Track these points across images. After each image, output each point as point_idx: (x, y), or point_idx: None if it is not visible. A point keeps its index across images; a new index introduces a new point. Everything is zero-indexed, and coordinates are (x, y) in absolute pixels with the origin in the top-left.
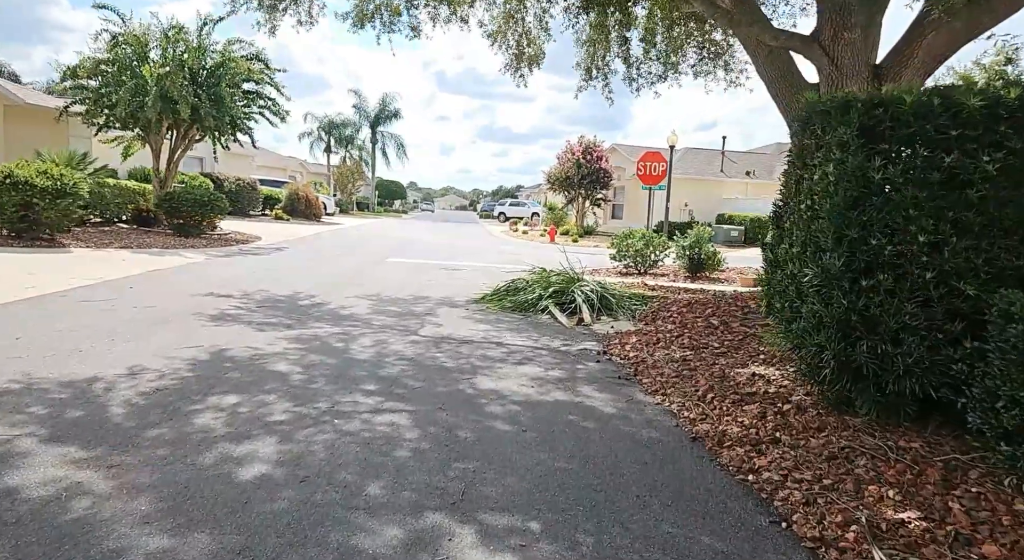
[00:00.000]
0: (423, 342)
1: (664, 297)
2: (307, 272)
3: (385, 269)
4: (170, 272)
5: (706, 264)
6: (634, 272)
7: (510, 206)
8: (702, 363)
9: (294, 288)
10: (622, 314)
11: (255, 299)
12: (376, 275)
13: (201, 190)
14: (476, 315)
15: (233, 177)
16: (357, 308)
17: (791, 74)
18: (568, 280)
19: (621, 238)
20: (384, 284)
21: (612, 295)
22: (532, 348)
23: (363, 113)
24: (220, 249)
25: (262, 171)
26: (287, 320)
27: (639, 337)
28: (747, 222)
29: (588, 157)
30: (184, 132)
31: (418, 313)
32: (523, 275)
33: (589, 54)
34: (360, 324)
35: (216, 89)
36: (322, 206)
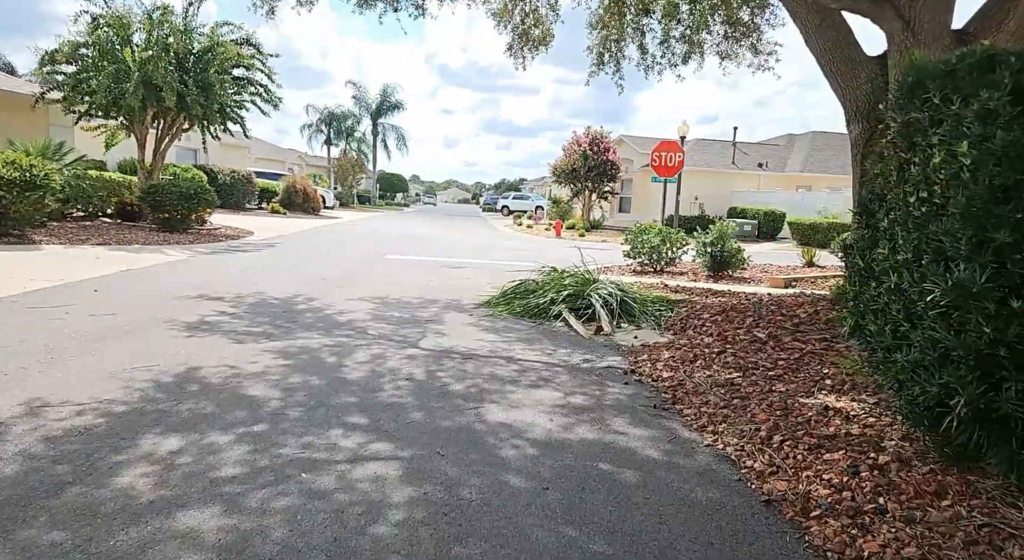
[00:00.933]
0: (423, 357)
1: (691, 301)
2: (299, 271)
3: (384, 268)
4: (147, 272)
5: (729, 262)
6: (650, 270)
7: (514, 199)
8: (755, 389)
9: (286, 289)
10: (645, 321)
11: (239, 303)
12: (374, 275)
13: (188, 182)
14: (483, 322)
15: (228, 169)
16: (353, 314)
17: (848, 45)
18: (583, 282)
19: (635, 234)
20: (382, 285)
21: (633, 299)
22: (547, 364)
23: (364, 105)
24: (207, 245)
25: (260, 164)
26: (272, 329)
27: (671, 352)
28: (760, 216)
29: (595, 148)
30: (171, 121)
31: (419, 319)
32: (533, 276)
33: (601, 38)
34: (354, 333)
35: (204, 75)
36: (320, 199)
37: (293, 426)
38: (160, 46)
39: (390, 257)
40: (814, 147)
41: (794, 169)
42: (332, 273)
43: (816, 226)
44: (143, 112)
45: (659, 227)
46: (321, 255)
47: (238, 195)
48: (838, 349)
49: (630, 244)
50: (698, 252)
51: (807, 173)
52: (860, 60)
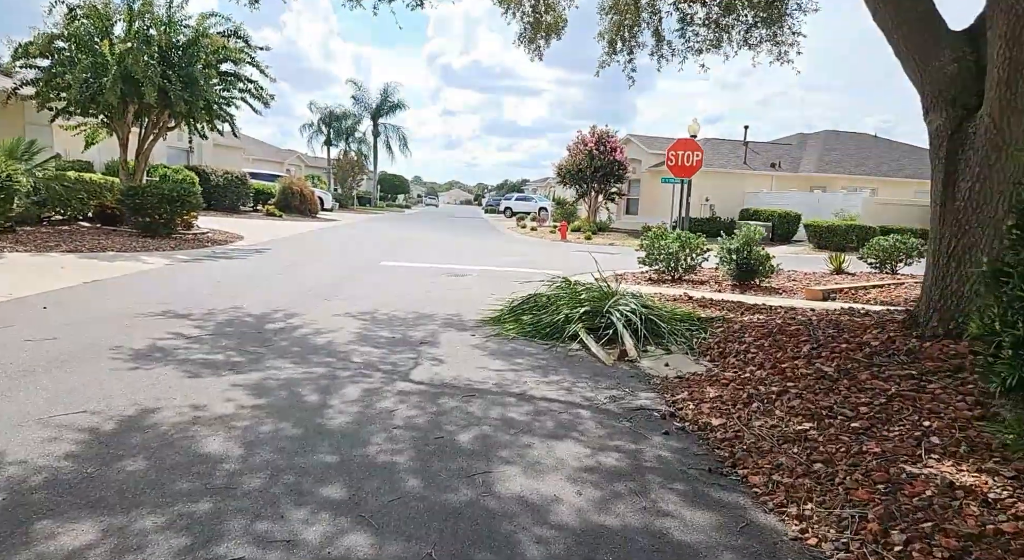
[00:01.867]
0: (417, 395)
1: (726, 319)
2: (283, 281)
3: (378, 276)
4: (114, 283)
5: (756, 270)
6: (667, 279)
7: (516, 201)
8: (839, 448)
9: (264, 303)
10: (675, 343)
11: (210, 320)
12: (366, 284)
13: (171, 184)
14: (488, 344)
15: (221, 171)
16: (338, 334)
17: (928, 19)
18: (600, 295)
19: (652, 238)
20: (374, 297)
21: (659, 316)
22: (568, 404)
23: (364, 104)
24: (190, 252)
25: (258, 165)
26: (238, 356)
27: (717, 389)
28: (774, 217)
29: (601, 148)
30: (155, 119)
31: (414, 341)
32: (542, 287)
33: (614, 23)
34: (336, 361)
35: (188, 69)
36: (318, 201)
37: (247, 503)
38: (141, 38)
39: (386, 264)
40: (828, 146)
41: (808, 169)
42: (319, 283)
43: (834, 228)
44: (122, 109)
45: (677, 232)
46: (311, 262)
47: (232, 197)
48: (933, 391)
49: (646, 250)
50: (721, 259)
51: (822, 173)
52: (943, 36)
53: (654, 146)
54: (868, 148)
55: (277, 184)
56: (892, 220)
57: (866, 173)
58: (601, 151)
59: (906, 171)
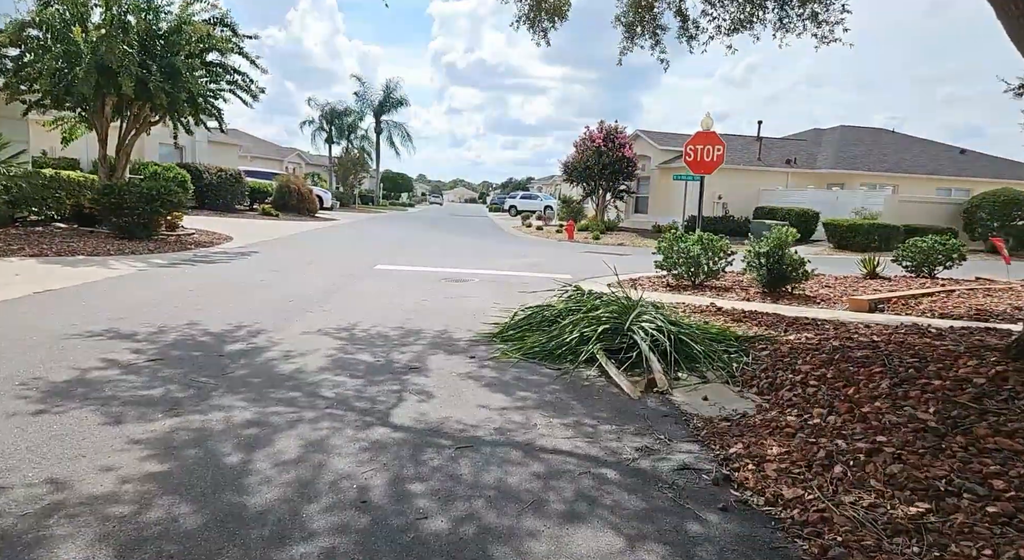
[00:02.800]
0: (395, 446)
1: (771, 338)
2: (262, 290)
3: (369, 282)
4: (68, 294)
5: (788, 276)
6: (687, 284)
7: (521, 199)
8: (979, 551)
9: (233, 317)
10: (711, 368)
11: (154, 342)
12: (354, 293)
13: (151, 182)
14: (486, 370)
15: (215, 168)
16: (310, 358)
17: None
18: (620, 309)
19: (670, 241)
20: (360, 308)
21: (690, 334)
22: (588, 460)
23: (366, 101)
24: (169, 255)
25: (257, 163)
26: (180, 390)
27: (779, 439)
28: (791, 216)
29: (610, 144)
30: (136, 112)
31: (398, 368)
32: (551, 296)
33: (631, 3)
34: (300, 396)
35: (170, 59)
36: (317, 200)
37: None
38: (117, 23)
39: (380, 268)
40: (844, 142)
41: (824, 165)
42: (303, 292)
43: (856, 227)
44: (99, 101)
45: (698, 234)
46: (299, 266)
47: (226, 196)
48: None
49: (663, 253)
50: (749, 264)
51: (839, 170)
52: None
53: (664, 142)
54: (886, 144)
55: (274, 182)
56: (916, 218)
57: (885, 170)
58: (609, 147)
59: (926, 168)
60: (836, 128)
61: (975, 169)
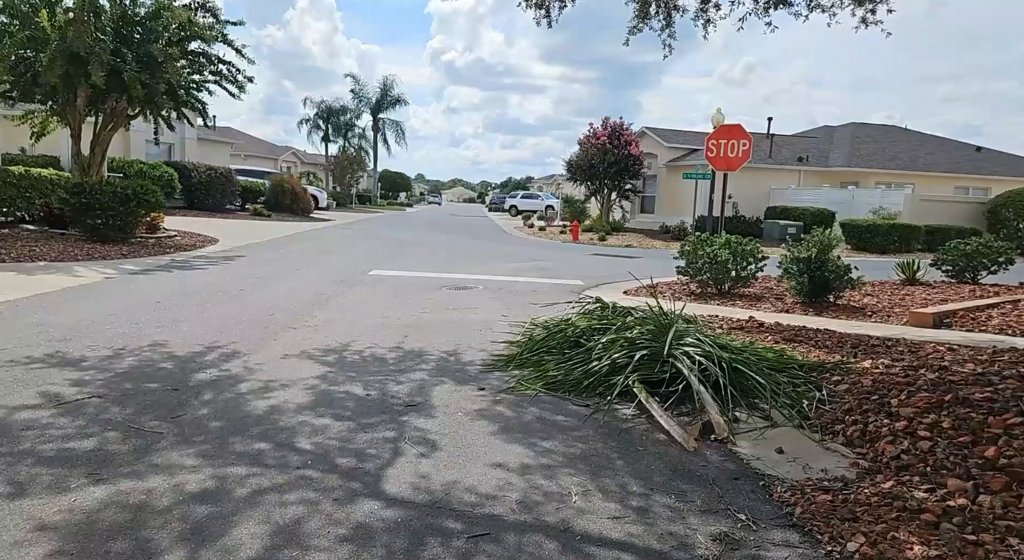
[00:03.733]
0: (383, 534)
1: (842, 365)
2: (241, 301)
3: (363, 291)
4: (18, 308)
5: (831, 285)
6: (713, 293)
7: (522, 199)
8: None
9: (206, 335)
10: (774, 405)
11: (112, 368)
12: (346, 304)
13: (126, 180)
14: (501, 407)
15: (204, 166)
16: (288, 392)
17: None
18: (655, 328)
19: (694, 244)
20: (354, 323)
21: (744, 361)
22: (647, 557)
23: (363, 99)
24: (145, 260)
25: (251, 162)
26: (120, 440)
27: (918, 531)
28: (806, 216)
29: (616, 142)
30: (112, 105)
31: (394, 404)
32: (569, 309)
33: None
34: (270, 450)
35: (147, 47)
36: (311, 200)
37: None
38: (88, 9)
39: (376, 273)
40: (856, 140)
41: (837, 163)
42: (288, 303)
43: (875, 228)
44: (70, 93)
45: (725, 237)
46: (287, 273)
47: (216, 195)
48: None
49: (686, 258)
50: (786, 270)
51: (853, 168)
52: None
53: (672, 139)
54: (899, 141)
55: (267, 182)
56: (937, 218)
57: (900, 168)
58: (615, 145)
59: (943, 166)
60: (847, 125)
61: (993, 167)
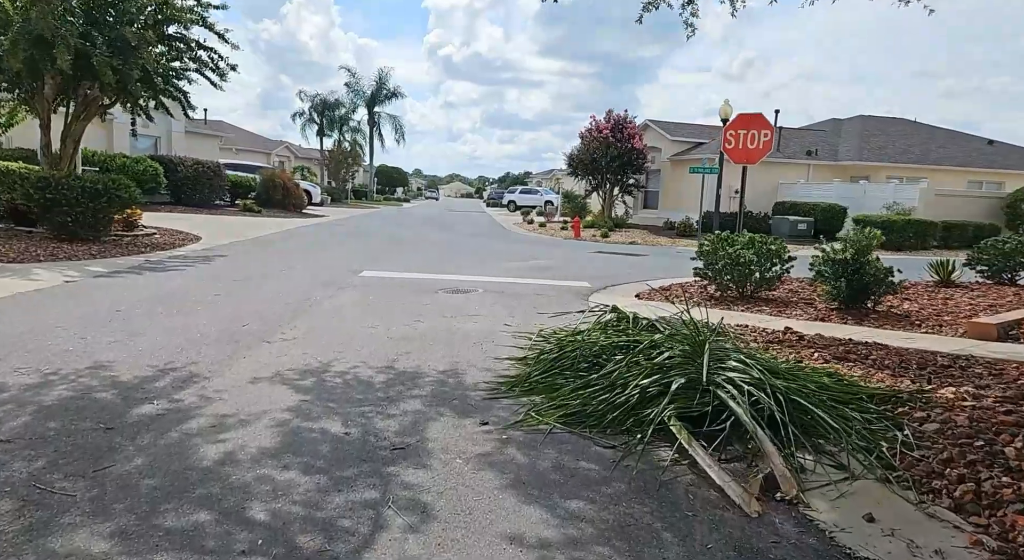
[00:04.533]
0: None
1: (919, 394)
2: (219, 306)
3: (351, 296)
4: None
5: (871, 289)
6: (734, 297)
7: (521, 194)
8: None
9: (163, 352)
10: (845, 446)
11: (38, 399)
12: (332, 311)
13: (95, 175)
14: (511, 450)
15: (191, 161)
16: (249, 429)
17: None
18: (689, 346)
19: (715, 243)
20: (339, 335)
21: (800, 389)
22: None
23: (359, 92)
24: (116, 261)
25: (242, 155)
26: (18, 514)
27: None
28: (816, 211)
29: (619, 135)
30: (84, 94)
31: (379, 448)
32: (581, 317)
33: None
34: (211, 523)
35: (119, 31)
36: (304, 195)
37: None
38: None
39: (367, 275)
40: (865, 132)
41: (847, 157)
42: (266, 310)
43: (890, 224)
44: (34, 79)
45: (748, 235)
46: (270, 274)
47: (204, 191)
48: None
49: (704, 258)
50: (818, 273)
51: (863, 162)
52: None
53: (676, 132)
54: (910, 134)
55: (258, 176)
56: (953, 214)
57: (912, 161)
58: (618, 139)
59: (956, 159)
60: (855, 118)
61: (1007, 161)
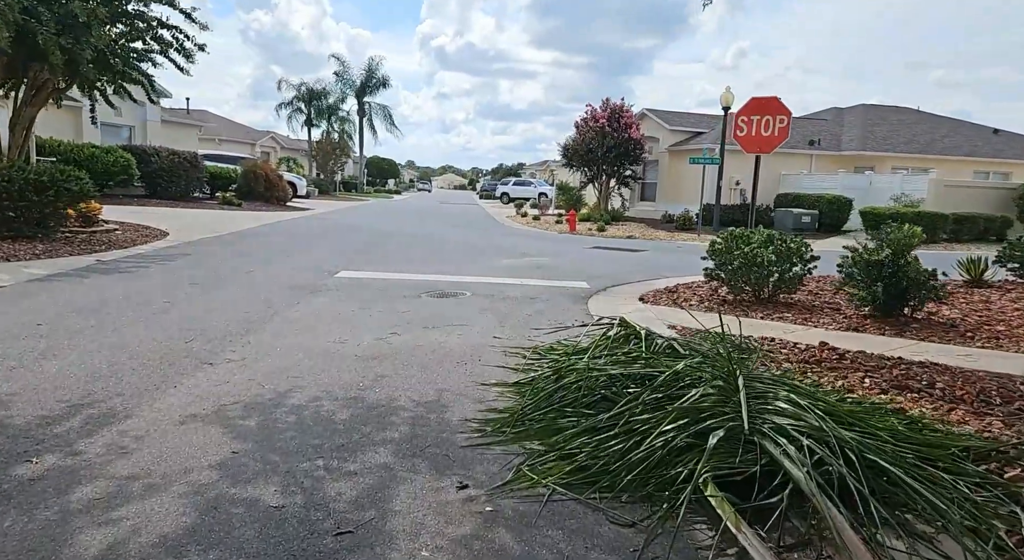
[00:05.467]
0: None
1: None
2: (164, 315)
3: (321, 303)
4: None
5: (910, 293)
6: (750, 300)
7: (514, 186)
8: None
9: (77, 379)
10: (942, 527)
11: None
12: (295, 321)
13: (41, 166)
14: (498, 533)
15: (166, 151)
16: (153, 501)
17: None
18: (724, 381)
19: (728, 241)
20: (296, 354)
21: (875, 442)
22: None
23: (347, 81)
24: (62, 261)
25: (225, 146)
26: None
27: None
28: (821, 204)
29: (615, 124)
30: (34, 77)
31: (324, 529)
32: (582, 331)
33: None
34: None
35: (69, 6)
36: (288, 187)
37: None
38: None
39: (343, 276)
40: (868, 122)
41: (851, 147)
42: (218, 321)
43: (899, 217)
44: None
45: (765, 232)
46: (233, 276)
47: (181, 182)
48: None
49: (716, 257)
50: (848, 275)
51: (867, 151)
52: None
53: (675, 122)
54: (914, 124)
55: (239, 167)
56: (963, 205)
57: (916, 151)
58: (615, 128)
59: (962, 149)
60: (857, 107)
61: (1013, 151)
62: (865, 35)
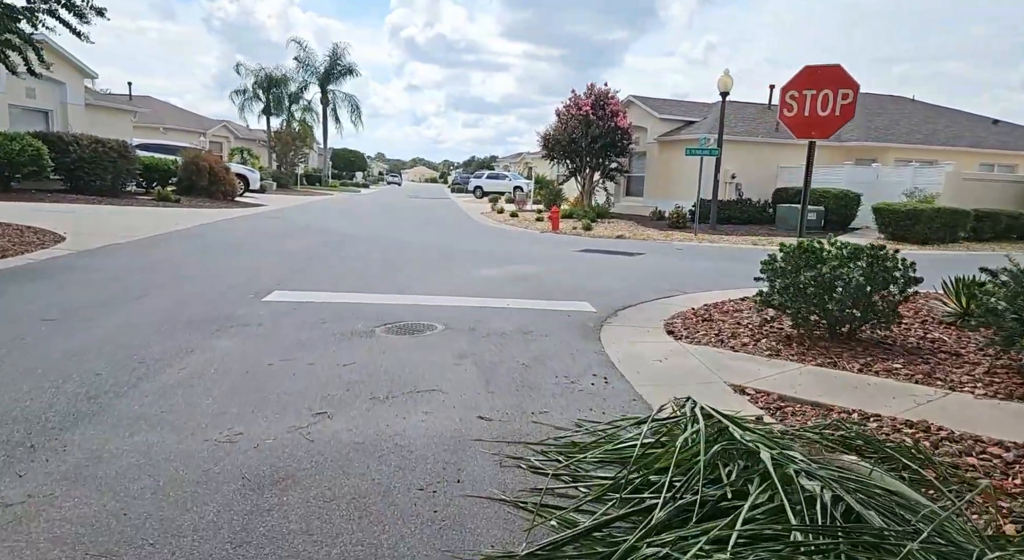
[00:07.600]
0: None
1: None
2: None
3: (225, 349)
4: None
5: None
6: (824, 338)
7: (488, 179)
8: None
9: None
10: None
11: None
12: (164, 397)
13: None
14: None
15: (88, 139)
16: None
17: None
18: None
19: (795, 255)
20: (130, 479)
21: None
22: None
23: (310, 68)
24: None
25: (172, 135)
26: None
27: None
28: (827, 199)
29: (600, 112)
30: None
31: None
32: (602, 421)
33: None
34: None
35: None
36: (236, 181)
37: None
38: None
39: (274, 299)
40: (866, 111)
41: (852, 137)
42: (44, 395)
43: (916, 213)
44: None
45: (850, 244)
46: (116, 304)
47: (106, 175)
48: None
49: (777, 277)
50: (989, 311)
51: (870, 143)
52: None
53: (664, 110)
54: (912, 113)
55: (179, 159)
56: (979, 201)
57: (920, 142)
58: (600, 116)
59: (964, 139)
60: None
61: (1017, 142)
62: (834, 30)
